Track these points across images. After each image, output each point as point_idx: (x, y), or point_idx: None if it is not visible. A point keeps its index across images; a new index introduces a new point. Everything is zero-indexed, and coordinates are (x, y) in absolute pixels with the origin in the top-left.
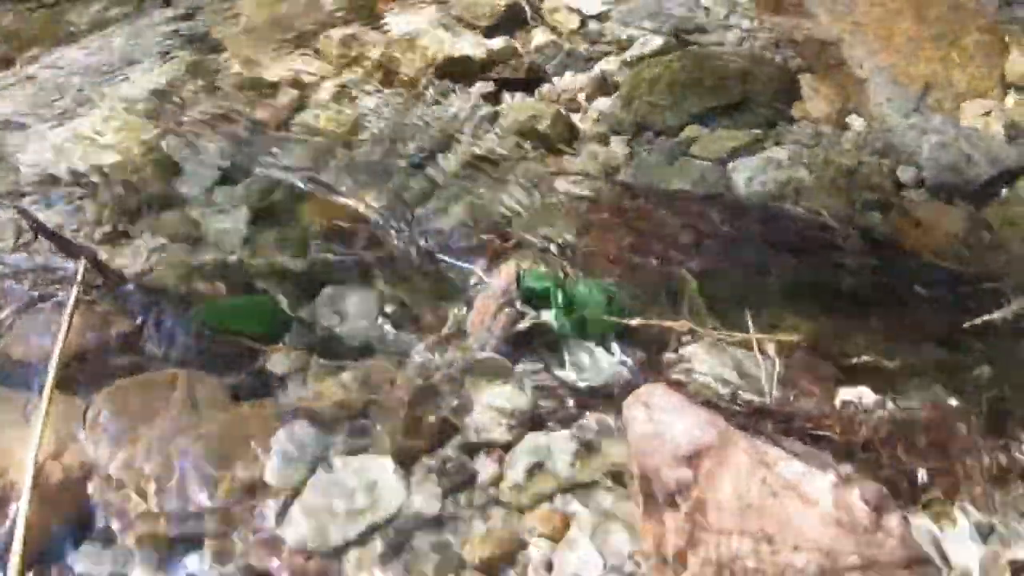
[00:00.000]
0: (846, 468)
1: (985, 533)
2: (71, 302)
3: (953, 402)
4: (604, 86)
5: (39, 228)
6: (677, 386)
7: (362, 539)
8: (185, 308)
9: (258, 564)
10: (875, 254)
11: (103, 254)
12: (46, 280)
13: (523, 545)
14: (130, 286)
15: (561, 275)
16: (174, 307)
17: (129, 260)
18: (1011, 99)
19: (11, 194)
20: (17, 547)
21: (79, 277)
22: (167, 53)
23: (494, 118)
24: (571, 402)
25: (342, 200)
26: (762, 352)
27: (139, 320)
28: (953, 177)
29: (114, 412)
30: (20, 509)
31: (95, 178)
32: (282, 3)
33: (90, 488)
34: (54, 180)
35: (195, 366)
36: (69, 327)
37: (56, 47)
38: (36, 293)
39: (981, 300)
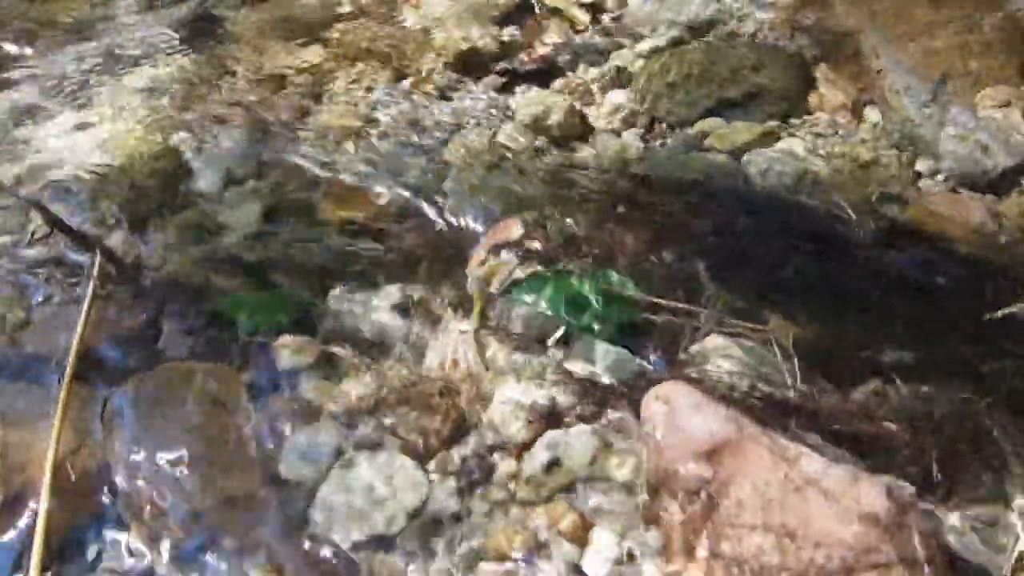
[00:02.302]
0: (868, 464)
1: (1007, 529)
2: (88, 296)
3: (975, 396)
4: (618, 79)
5: (54, 222)
6: (695, 381)
7: (381, 535)
8: (201, 302)
9: (278, 560)
10: (894, 246)
11: (117, 248)
12: (62, 274)
13: (542, 542)
14: (146, 280)
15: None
16: (189, 301)
17: (143, 254)
18: None
19: (24, 187)
20: (37, 543)
21: (95, 271)
22: (179, 44)
23: (507, 110)
24: (589, 398)
25: (356, 194)
26: (781, 346)
27: (155, 314)
28: (971, 168)
29: (131, 406)
30: (40, 505)
31: (106, 171)
32: None
33: (109, 483)
34: (65, 174)
35: (212, 360)
36: (86, 321)
37: (66, 38)
38: (51, 287)
39: (1002, 292)
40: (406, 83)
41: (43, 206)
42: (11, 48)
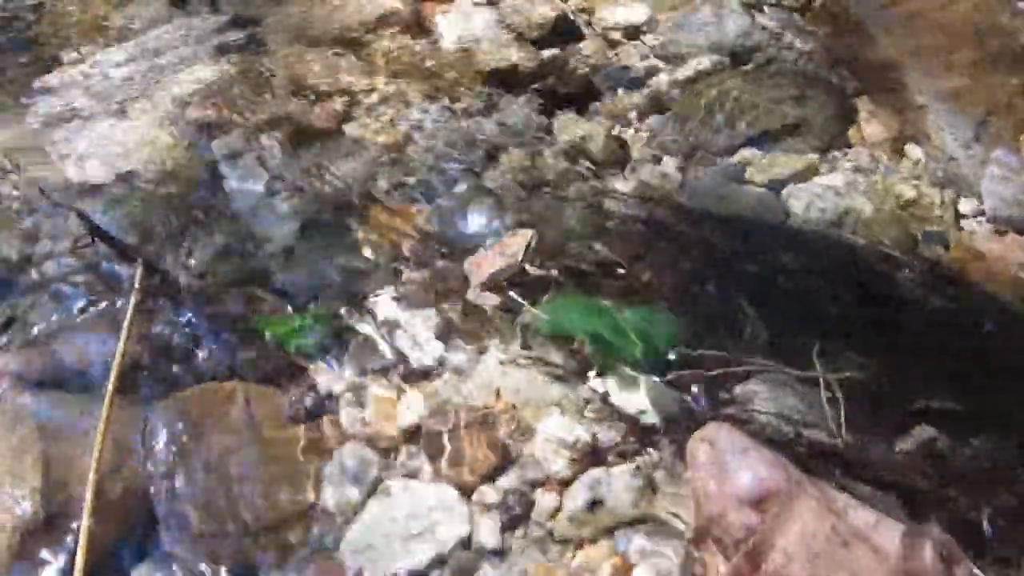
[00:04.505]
0: (915, 517)
1: None
2: (130, 309)
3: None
4: (657, 104)
5: (96, 232)
6: (740, 423)
7: (420, 569)
8: (240, 318)
9: None
10: (938, 288)
11: (156, 259)
12: (102, 284)
13: None
14: (185, 293)
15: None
16: (228, 316)
17: (181, 266)
18: None
19: (64, 194)
20: (79, 562)
21: (137, 283)
22: (216, 56)
23: (545, 131)
24: (632, 435)
25: (394, 211)
26: (828, 390)
27: (194, 329)
28: (1015, 210)
29: (173, 425)
30: (82, 523)
31: (145, 180)
32: (332, 10)
33: (150, 502)
34: (104, 181)
35: (252, 379)
36: (129, 334)
37: (105, 44)
38: (92, 297)
39: None
40: (444, 99)
41: (84, 214)
42: (52, 53)
